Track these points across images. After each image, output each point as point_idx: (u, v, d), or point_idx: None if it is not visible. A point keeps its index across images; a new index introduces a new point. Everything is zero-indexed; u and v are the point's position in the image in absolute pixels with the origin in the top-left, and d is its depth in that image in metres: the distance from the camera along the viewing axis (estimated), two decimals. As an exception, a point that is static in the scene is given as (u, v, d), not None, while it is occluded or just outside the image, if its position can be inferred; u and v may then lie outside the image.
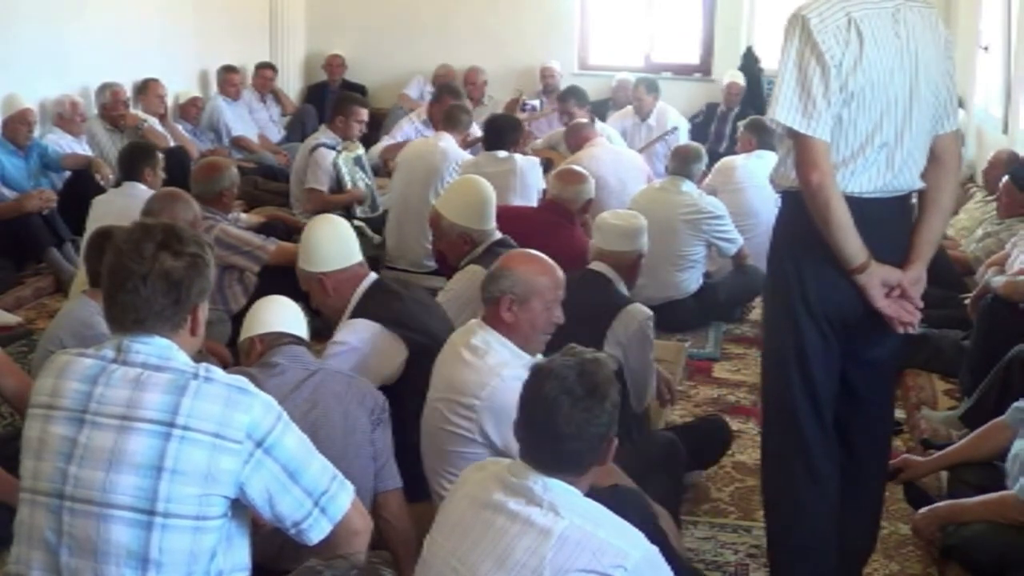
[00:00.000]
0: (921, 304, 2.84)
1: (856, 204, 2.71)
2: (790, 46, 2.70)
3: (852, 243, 2.72)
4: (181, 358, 2.17)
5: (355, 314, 3.46)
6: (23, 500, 2.16)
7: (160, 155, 5.69)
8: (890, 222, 2.82)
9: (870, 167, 2.75)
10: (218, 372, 2.16)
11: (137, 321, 2.14)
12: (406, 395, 3.33)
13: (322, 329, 3.76)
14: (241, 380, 2.17)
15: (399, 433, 3.08)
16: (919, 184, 2.85)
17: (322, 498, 2.18)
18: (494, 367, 2.93)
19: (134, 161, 5.45)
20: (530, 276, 3.06)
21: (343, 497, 2.22)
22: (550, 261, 3.15)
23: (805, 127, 2.68)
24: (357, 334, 3.39)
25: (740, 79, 9.64)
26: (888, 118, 2.74)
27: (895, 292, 2.79)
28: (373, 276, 3.59)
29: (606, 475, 2.66)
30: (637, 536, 2.21)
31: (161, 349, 2.15)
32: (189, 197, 4.56)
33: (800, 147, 2.71)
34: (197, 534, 2.08)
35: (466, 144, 6.83)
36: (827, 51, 2.66)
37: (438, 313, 3.72)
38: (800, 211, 2.77)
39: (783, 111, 2.69)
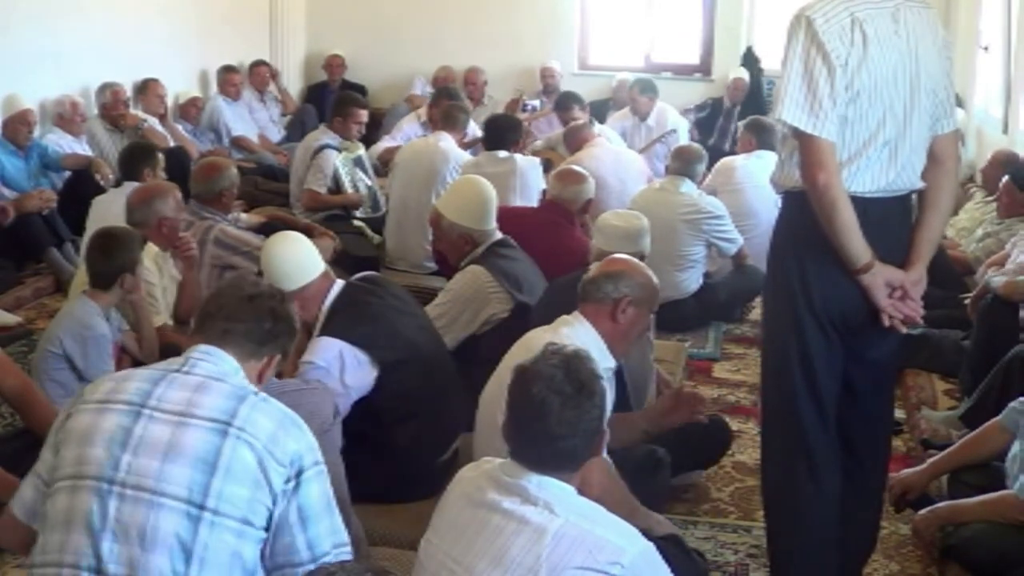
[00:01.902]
0: (922, 304, 2.85)
1: (858, 204, 2.71)
2: (795, 46, 2.69)
3: (857, 243, 2.72)
4: (241, 380, 2.25)
5: (323, 331, 3.41)
6: (59, 489, 2.15)
7: (160, 155, 5.69)
8: (891, 222, 2.82)
9: (872, 166, 2.75)
10: (273, 400, 2.23)
11: (225, 331, 2.27)
12: (385, 404, 3.33)
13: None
14: (296, 416, 2.23)
15: (382, 441, 3.09)
16: (920, 184, 2.85)
17: (321, 558, 2.16)
18: None
19: (134, 161, 5.44)
20: (647, 284, 3.17)
21: None
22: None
23: (812, 127, 2.67)
24: (323, 353, 3.34)
25: (745, 75, 9.69)
26: (890, 117, 2.74)
27: (897, 293, 2.79)
28: (338, 286, 3.52)
29: (598, 472, 2.63)
30: (633, 533, 2.20)
31: (226, 367, 2.24)
32: (166, 188, 4.55)
33: (806, 147, 2.70)
34: (240, 539, 2.10)
35: (464, 144, 6.83)
36: (832, 51, 2.65)
37: (413, 312, 3.68)
38: (802, 212, 2.77)
39: (789, 111, 2.68)
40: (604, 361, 2.96)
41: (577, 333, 3.05)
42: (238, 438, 2.12)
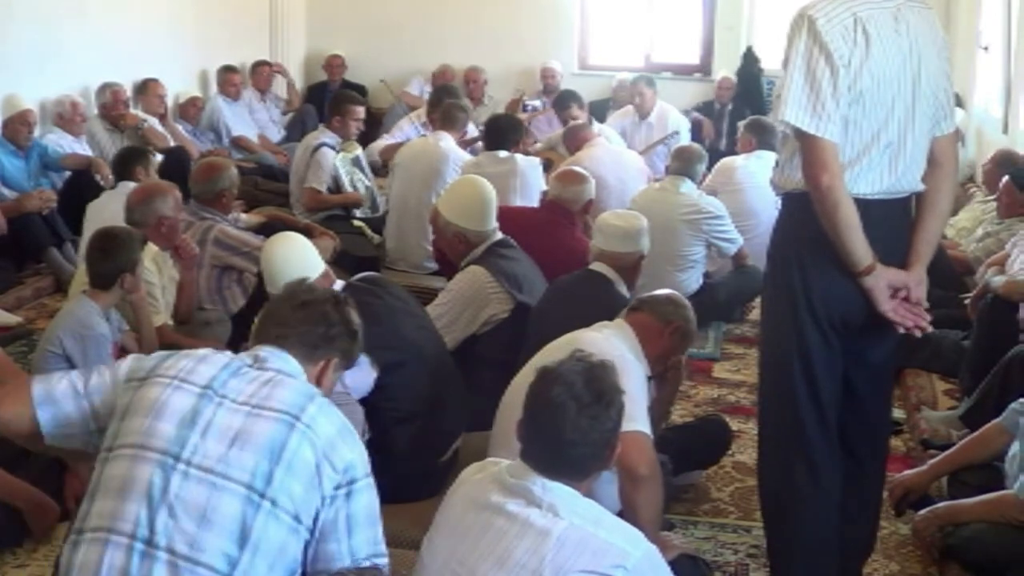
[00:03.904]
0: (927, 305, 2.84)
1: (860, 206, 2.70)
2: (797, 46, 2.68)
3: (859, 245, 2.70)
4: (306, 381, 2.31)
5: None
6: (120, 456, 2.17)
7: (152, 155, 5.71)
8: (892, 224, 2.82)
9: (874, 168, 2.74)
10: (334, 405, 2.30)
11: (281, 336, 2.34)
12: (386, 405, 3.33)
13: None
14: (351, 425, 2.29)
15: (383, 441, 3.09)
16: (921, 186, 2.84)
17: (359, 562, 2.21)
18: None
19: (126, 163, 5.53)
20: (693, 327, 3.45)
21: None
22: None
23: (815, 128, 2.65)
24: None
25: (732, 75, 9.76)
26: (892, 118, 2.73)
27: (900, 294, 2.79)
28: (339, 286, 3.50)
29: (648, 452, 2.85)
30: (637, 535, 2.20)
31: (293, 368, 2.31)
32: (166, 188, 4.56)
33: (809, 148, 2.69)
34: (290, 534, 2.15)
35: (463, 144, 6.83)
36: (835, 51, 2.64)
37: (414, 312, 3.69)
38: (804, 213, 2.76)
39: (792, 111, 2.66)
40: (642, 370, 3.11)
41: (621, 338, 3.16)
42: (303, 435, 2.17)
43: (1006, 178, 5.80)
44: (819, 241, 2.74)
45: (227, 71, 9.22)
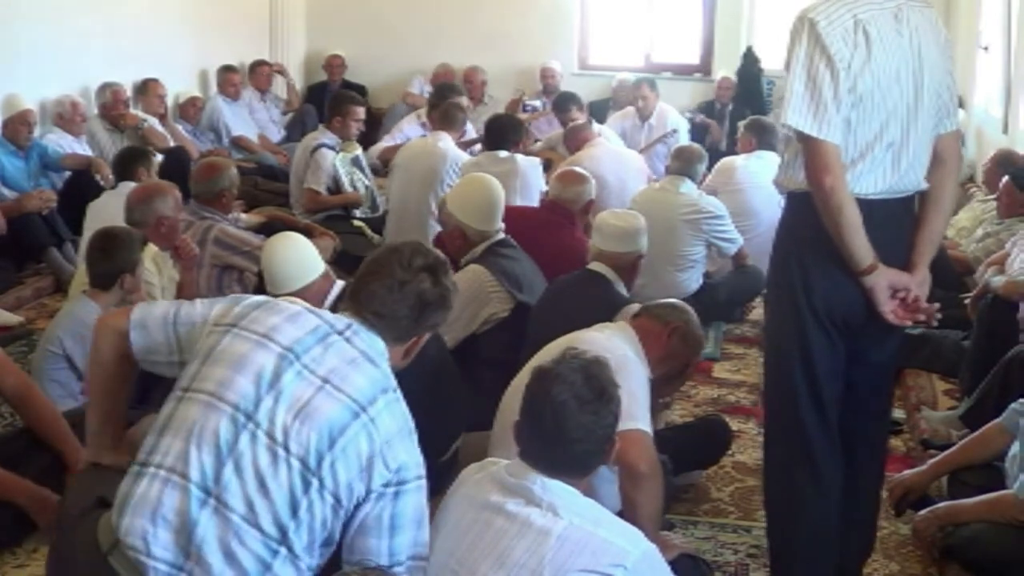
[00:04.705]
0: (936, 305, 2.83)
1: (863, 206, 2.70)
2: (798, 49, 2.68)
3: (861, 245, 2.71)
4: (387, 367, 2.31)
5: None
6: (194, 399, 2.22)
7: (153, 156, 5.71)
8: (895, 223, 2.82)
9: (877, 168, 2.74)
10: (404, 403, 2.31)
11: (377, 315, 2.32)
12: None
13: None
14: (412, 424, 2.30)
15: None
16: (924, 185, 2.84)
17: (395, 567, 2.23)
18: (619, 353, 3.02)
19: (127, 163, 5.53)
20: (700, 335, 3.44)
21: None
22: None
23: (816, 130, 2.66)
24: None
25: (732, 74, 9.74)
26: (894, 119, 2.73)
27: (900, 295, 2.79)
28: (339, 286, 3.54)
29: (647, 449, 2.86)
30: (636, 534, 2.21)
31: (379, 349, 2.31)
32: (166, 188, 4.56)
33: (811, 150, 2.69)
34: (332, 512, 2.19)
35: (461, 145, 6.83)
36: (836, 53, 2.64)
37: None
38: (806, 213, 2.76)
39: (794, 115, 2.67)
40: (644, 371, 3.11)
41: (622, 338, 3.15)
42: (364, 426, 2.19)
43: (1006, 178, 5.80)
44: (821, 241, 2.74)
45: (227, 71, 9.22)
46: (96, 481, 2.47)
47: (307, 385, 2.21)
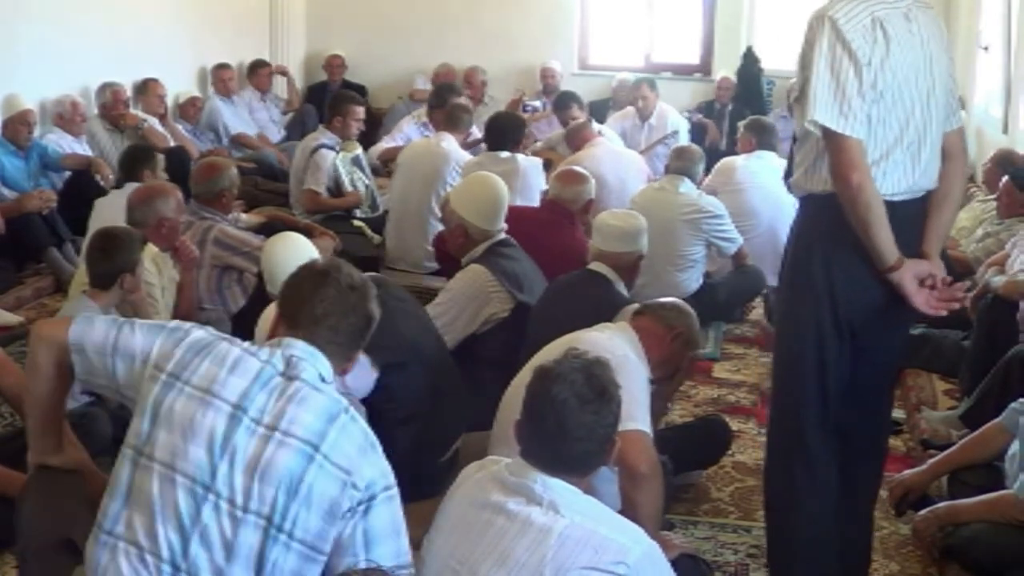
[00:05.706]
0: (965, 284, 2.82)
1: (887, 207, 2.69)
2: (820, 47, 2.67)
3: (888, 243, 2.70)
4: (333, 390, 2.28)
5: None
6: (152, 469, 2.17)
7: (160, 156, 5.71)
8: (913, 223, 2.82)
9: (898, 167, 2.75)
10: (359, 416, 2.28)
11: (329, 339, 2.28)
12: (386, 405, 3.33)
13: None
14: (373, 437, 2.26)
15: (382, 442, 3.09)
16: (935, 183, 2.85)
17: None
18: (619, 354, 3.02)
19: (134, 163, 5.52)
20: (697, 338, 3.49)
21: None
22: None
23: (842, 126, 2.65)
24: None
25: (731, 74, 9.74)
26: (913, 117, 2.74)
27: (928, 282, 2.78)
28: None
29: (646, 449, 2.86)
30: (638, 532, 2.21)
31: (325, 374, 2.27)
32: (167, 188, 4.56)
33: (837, 148, 2.68)
34: (307, 563, 2.17)
35: (466, 145, 6.83)
36: (858, 49, 2.65)
37: (414, 313, 3.69)
38: (828, 214, 2.75)
39: (821, 111, 2.66)
40: (644, 371, 3.11)
41: (623, 339, 3.15)
42: (321, 467, 2.16)
43: (1006, 178, 5.81)
44: (847, 242, 2.73)
45: (220, 69, 9.17)
46: (50, 492, 2.49)
47: (258, 440, 2.16)
